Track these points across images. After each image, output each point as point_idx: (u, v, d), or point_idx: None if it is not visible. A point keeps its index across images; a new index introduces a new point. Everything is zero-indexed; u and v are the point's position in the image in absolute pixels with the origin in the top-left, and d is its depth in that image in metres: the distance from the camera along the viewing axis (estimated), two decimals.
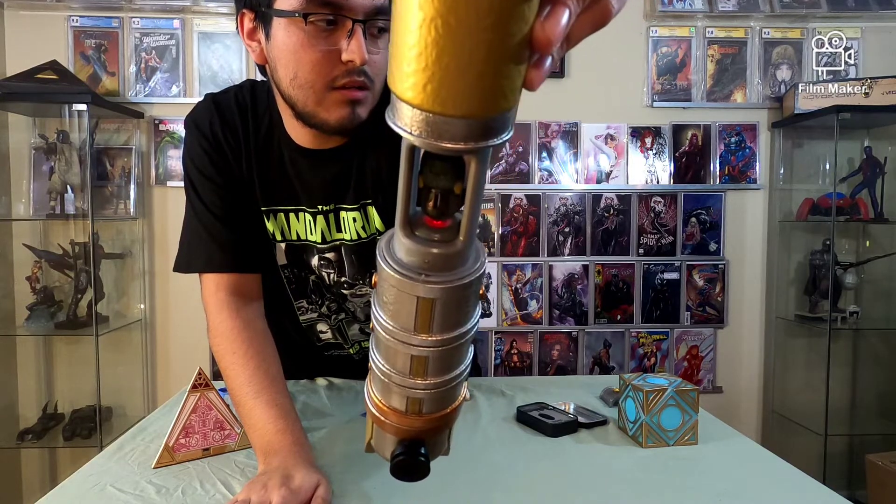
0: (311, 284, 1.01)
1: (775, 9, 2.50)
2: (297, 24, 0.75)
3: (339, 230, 0.94)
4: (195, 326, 2.50)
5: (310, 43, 0.75)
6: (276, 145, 0.91)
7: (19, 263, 2.42)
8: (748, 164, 2.60)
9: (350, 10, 0.73)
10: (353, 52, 0.73)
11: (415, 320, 0.40)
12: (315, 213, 0.93)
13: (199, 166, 0.91)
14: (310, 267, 0.99)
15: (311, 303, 1.04)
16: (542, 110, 2.51)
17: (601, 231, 2.58)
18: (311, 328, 1.09)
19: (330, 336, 1.09)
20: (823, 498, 0.77)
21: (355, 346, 1.11)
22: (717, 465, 0.86)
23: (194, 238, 0.92)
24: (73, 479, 0.81)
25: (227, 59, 2.46)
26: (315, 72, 0.76)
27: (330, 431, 0.98)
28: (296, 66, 0.77)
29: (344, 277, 0.98)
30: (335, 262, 0.97)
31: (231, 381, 0.85)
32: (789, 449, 2.44)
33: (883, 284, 2.62)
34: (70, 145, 2.26)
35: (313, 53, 0.75)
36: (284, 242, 0.96)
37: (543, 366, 2.58)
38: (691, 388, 0.92)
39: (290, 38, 0.76)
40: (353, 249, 0.96)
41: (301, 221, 0.94)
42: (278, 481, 0.69)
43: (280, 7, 0.75)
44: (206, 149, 0.91)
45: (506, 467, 0.85)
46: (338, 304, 1.03)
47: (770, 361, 2.63)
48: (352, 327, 1.08)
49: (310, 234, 0.94)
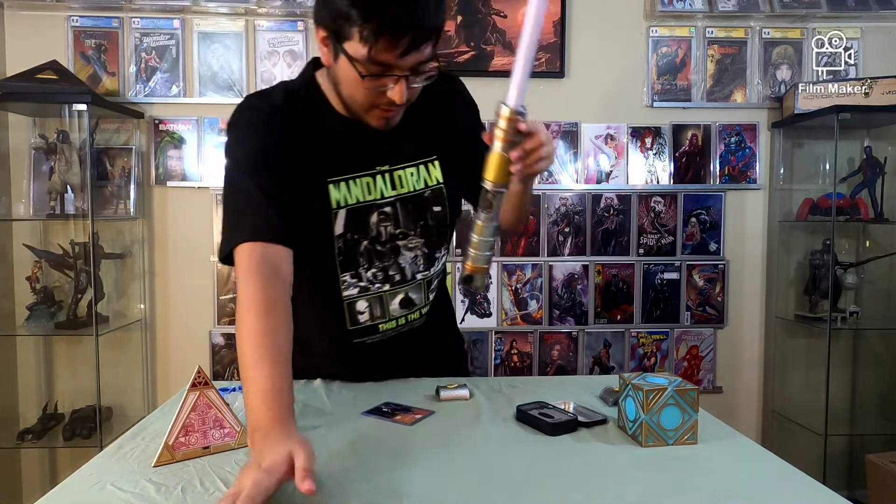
0: (363, 250, 1.10)
1: (775, 9, 2.50)
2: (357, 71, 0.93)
3: (393, 187, 1.10)
4: (195, 326, 2.50)
5: (364, 84, 0.94)
6: (329, 123, 1.06)
7: (19, 263, 2.42)
8: (748, 164, 2.60)
9: (398, 69, 0.92)
10: (396, 95, 0.94)
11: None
12: (374, 174, 1.08)
13: (247, 151, 1.01)
14: (367, 228, 1.09)
15: (355, 276, 1.10)
16: (542, 110, 2.52)
17: (601, 231, 2.58)
18: (351, 306, 1.13)
19: (367, 316, 1.14)
20: (823, 498, 0.77)
21: (392, 322, 1.16)
22: (717, 465, 0.86)
23: (235, 218, 0.99)
24: (73, 479, 0.81)
25: (227, 59, 2.46)
26: (364, 98, 0.98)
27: (329, 431, 0.98)
28: (351, 90, 0.98)
29: (399, 229, 1.11)
30: (391, 216, 1.10)
31: (241, 345, 0.88)
32: (789, 449, 2.44)
33: (883, 284, 2.62)
34: (70, 145, 2.26)
35: (367, 90, 0.96)
36: (345, 208, 1.06)
37: (543, 366, 2.58)
38: (691, 387, 0.92)
39: (351, 74, 0.93)
40: (409, 200, 1.11)
41: (359, 185, 1.07)
42: (253, 465, 0.73)
43: (347, 49, 0.91)
44: (259, 134, 1.02)
45: (505, 466, 0.85)
46: (385, 268, 1.12)
47: (770, 361, 2.63)
48: (394, 300, 1.15)
49: (368, 195, 1.08)
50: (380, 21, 0.86)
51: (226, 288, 2.49)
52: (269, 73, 2.48)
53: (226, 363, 2.50)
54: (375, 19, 0.86)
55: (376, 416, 1.04)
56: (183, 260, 2.50)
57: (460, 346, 1.42)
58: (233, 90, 2.46)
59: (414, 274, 1.15)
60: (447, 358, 1.33)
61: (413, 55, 0.90)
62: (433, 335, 1.26)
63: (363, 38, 0.88)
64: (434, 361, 1.27)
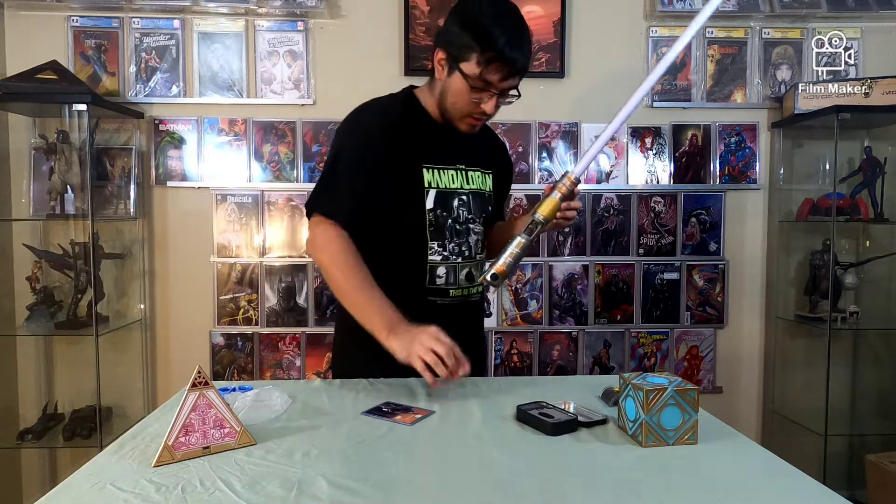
0: (448, 225, 1.39)
1: (775, 9, 2.50)
2: (467, 83, 1.28)
3: (467, 182, 1.43)
4: (195, 326, 2.50)
5: (469, 94, 1.28)
6: (425, 125, 1.39)
7: (19, 263, 2.42)
8: (748, 164, 2.60)
9: (495, 88, 1.27)
10: (488, 108, 1.30)
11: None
12: (457, 169, 1.41)
13: (352, 147, 1.33)
14: (451, 209, 1.39)
15: (440, 245, 1.37)
16: (542, 110, 2.52)
17: (601, 231, 2.58)
18: (432, 270, 1.37)
19: (443, 279, 1.38)
20: (823, 498, 0.77)
21: (459, 290, 1.40)
22: (717, 465, 0.86)
23: (334, 189, 1.32)
24: (73, 479, 0.81)
25: (227, 59, 2.46)
26: (465, 106, 1.31)
27: (329, 431, 0.98)
28: (456, 98, 1.31)
29: (471, 214, 1.43)
30: (467, 203, 1.42)
31: (340, 280, 1.26)
32: (789, 449, 2.43)
33: (883, 284, 2.62)
34: (70, 145, 2.26)
35: (469, 99, 1.29)
36: (435, 189, 1.37)
37: (543, 366, 2.58)
38: (691, 387, 0.92)
39: (461, 85, 1.28)
40: (477, 195, 1.45)
41: (446, 175, 1.39)
42: (431, 337, 1.14)
43: (462, 68, 1.26)
44: (369, 138, 1.33)
45: (505, 466, 0.85)
46: (460, 245, 1.40)
47: (770, 361, 2.63)
48: (462, 272, 1.40)
49: (452, 184, 1.40)
50: (495, 53, 1.23)
51: (226, 288, 2.49)
52: (269, 73, 2.48)
53: (226, 363, 2.50)
54: (492, 52, 1.23)
55: (376, 416, 1.04)
56: (183, 260, 2.50)
57: (484, 346, 1.64)
58: (233, 90, 2.46)
59: (476, 254, 1.44)
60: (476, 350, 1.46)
61: (508, 81, 1.27)
62: (475, 317, 1.52)
63: (479, 63, 1.24)
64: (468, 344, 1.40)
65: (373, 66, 2.46)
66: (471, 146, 1.43)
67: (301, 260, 2.50)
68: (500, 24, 1.24)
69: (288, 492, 0.76)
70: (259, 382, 1.24)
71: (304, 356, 2.52)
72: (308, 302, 2.51)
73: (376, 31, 2.48)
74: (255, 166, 2.48)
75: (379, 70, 2.47)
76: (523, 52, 1.26)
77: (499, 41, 1.22)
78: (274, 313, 2.51)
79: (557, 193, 1.23)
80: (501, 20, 1.25)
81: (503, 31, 1.23)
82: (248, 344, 2.50)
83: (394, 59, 2.49)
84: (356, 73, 2.47)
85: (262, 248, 2.50)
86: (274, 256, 2.50)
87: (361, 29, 2.48)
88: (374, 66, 2.46)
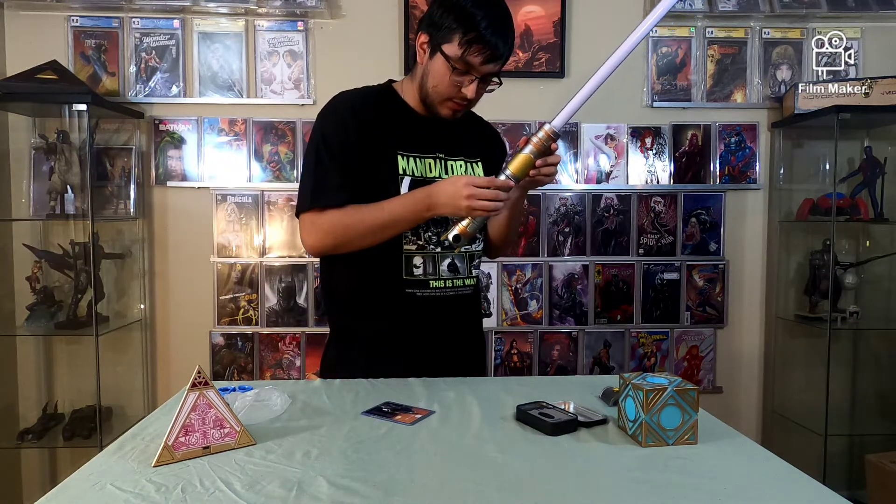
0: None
1: (775, 9, 2.50)
2: (449, 64, 1.27)
3: (446, 172, 1.39)
4: (195, 326, 2.50)
5: (450, 76, 1.28)
6: (402, 113, 1.38)
7: (19, 263, 2.42)
8: (748, 164, 2.60)
9: (477, 72, 1.27)
10: (469, 92, 1.29)
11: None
12: (434, 158, 1.38)
13: (335, 132, 1.31)
14: None
15: (414, 234, 1.33)
16: (542, 110, 2.51)
17: (601, 231, 2.58)
18: (408, 259, 1.33)
19: (421, 271, 1.34)
20: (823, 498, 0.77)
21: (440, 281, 1.35)
22: (717, 465, 0.86)
23: (314, 183, 1.30)
24: (73, 479, 0.81)
25: (227, 59, 2.46)
26: (446, 88, 1.30)
27: (329, 431, 0.98)
28: (437, 81, 1.30)
29: None
30: None
31: (362, 217, 1.27)
32: (789, 449, 2.44)
33: (883, 284, 2.62)
34: (70, 145, 2.26)
35: (450, 81, 1.29)
36: (410, 177, 1.34)
37: (543, 366, 2.58)
38: (691, 387, 0.92)
39: (442, 68, 1.28)
40: None
41: (422, 163, 1.36)
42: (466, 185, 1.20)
43: (444, 50, 1.26)
44: (344, 121, 1.31)
45: (505, 466, 0.85)
46: (439, 234, 1.35)
47: (770, 361, 2.63)
48: (443, 262, 1.36)
49: (429, 172, 1.37)
50: (477, 34, 1.23)
51: (226, 288, 2.49)
52: (268, 73, 2.48)
53: (226, 363, 2.50)
54: (474, 32, 1.23)
55: (376, 416, 1.04)
56: (183, 260, 2.50)
57: (482, 345, 1.57)
58: (233, 90, 2.46)
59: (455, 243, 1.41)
60: (472, 349, 1.47)
61: (489, 66, 1.27)
62: (468, 313, 1.45)
63: (461, 44, 1.24)
64: (462, 341, 1.44)
65: (373, 66, 2.46)
66: (453, 135, 1.41)
67: (301, 260, 2.50)
68: (484, 7, 1.25)
69: (288, 492, 0.76)
70: (259, 382, 1.24)
71: (304, 356, 2.52)
72: (308, 302, 2.52)
73: (376, 31, 2.48)
74: (255, 166, 2.48)
75: (379, 70, 2.45)
76: (506, 40, 1.27)
77: (481, 23, 1.23)
78: (274, 313, 2.51)
79: (531, 147, 1.15)
80: (485, 5, 1.26)
81: (486, 15, 1.24)
82: (247, 344, 2.50)
83: (394, 59, 2.49)
84: (356, 73, 2.44)
85: (262, 248, 2.50)
86: (274, 256, 2.50)
87: (361, 29, 2.48)
88: (374, 66, 2.46)
